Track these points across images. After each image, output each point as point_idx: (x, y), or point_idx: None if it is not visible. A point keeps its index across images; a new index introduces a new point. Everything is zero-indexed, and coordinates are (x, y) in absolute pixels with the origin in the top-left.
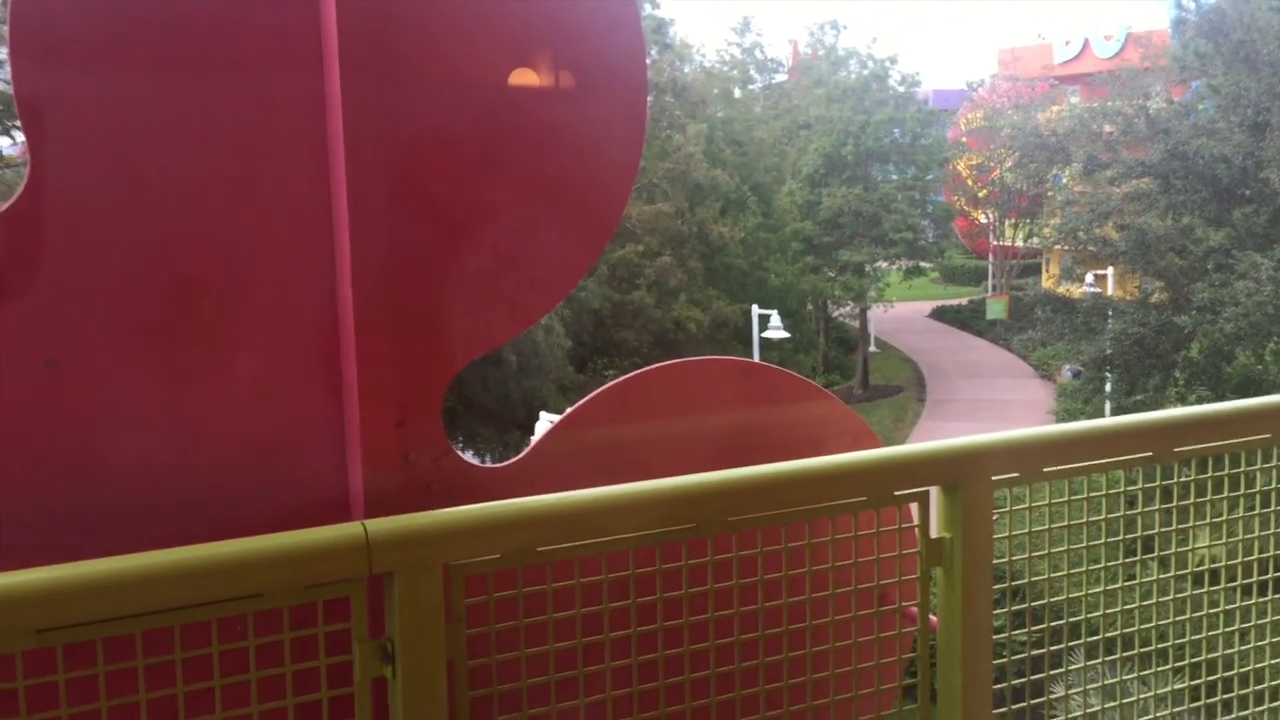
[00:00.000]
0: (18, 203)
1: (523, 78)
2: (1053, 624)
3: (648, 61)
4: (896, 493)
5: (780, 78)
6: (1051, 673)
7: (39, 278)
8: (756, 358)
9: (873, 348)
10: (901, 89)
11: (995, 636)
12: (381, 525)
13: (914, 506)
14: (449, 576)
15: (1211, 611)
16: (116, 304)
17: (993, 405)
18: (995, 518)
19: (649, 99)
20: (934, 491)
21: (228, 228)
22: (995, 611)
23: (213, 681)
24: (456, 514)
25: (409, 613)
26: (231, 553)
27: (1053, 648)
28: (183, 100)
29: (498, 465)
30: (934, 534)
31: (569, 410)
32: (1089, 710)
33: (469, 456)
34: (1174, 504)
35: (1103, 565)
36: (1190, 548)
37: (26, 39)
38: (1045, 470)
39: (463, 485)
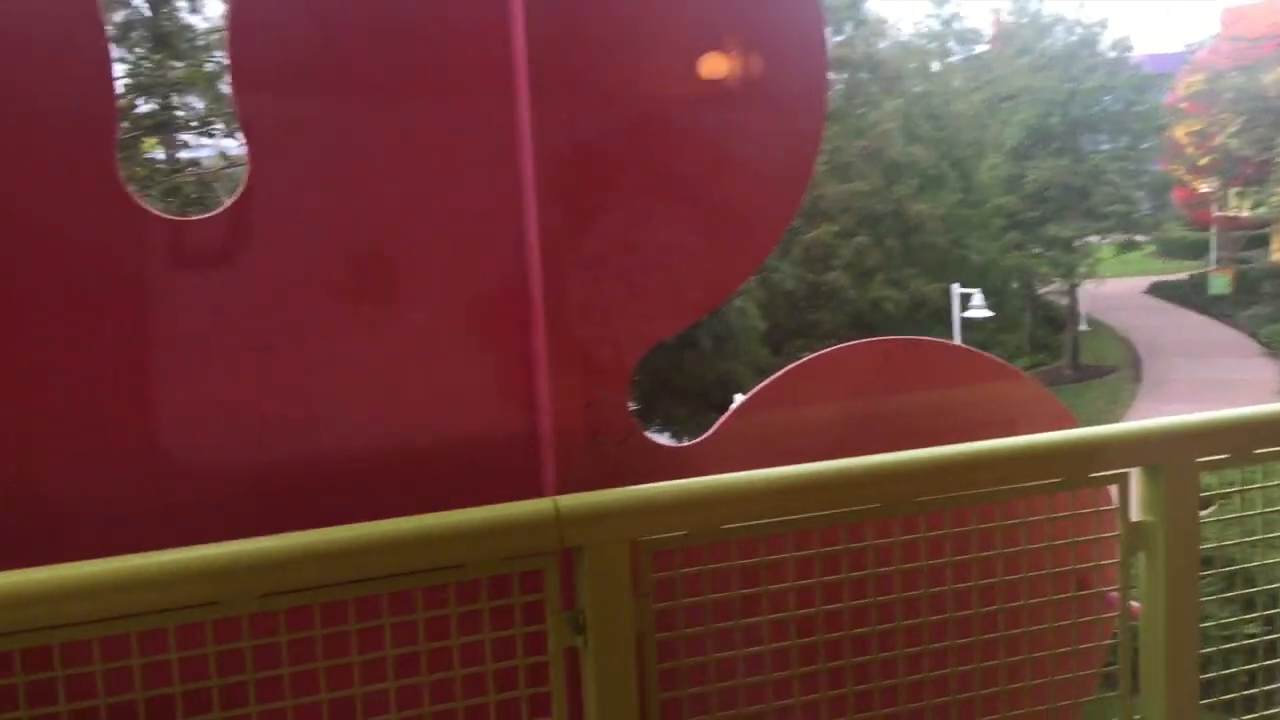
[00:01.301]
0: (236, 203)
1: (702, 87)
2: (1265, 612)
3: (840, 38)
4: (1093, 475)
5: (980, 48)
6: (1266, 663)
7: (253, 270)
8: (957, 338)
9: (1083, 326)
10: (1113, 54)
11: (1202, 625)
12: (572, 501)
13: (1113, 489)
14: (637, 552)
15: None
16: (323, 294)
17: (1216, 385)
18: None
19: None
20: (1134, 474)
21: (425, 228)
22: (1202, 599)
23: (419, 646)
24: (643, 491)
25: (598, 586)
26: (438, 525)
27: (1266, 637)
28: (384, 116)
29: (683, 445)
30: (1134, 517)
31: (754, 390)
32: None
33: (665, 437)
34: None
35: None
36: None
37: (246, 66)
38: (1256, 452)
39: (649, 464)
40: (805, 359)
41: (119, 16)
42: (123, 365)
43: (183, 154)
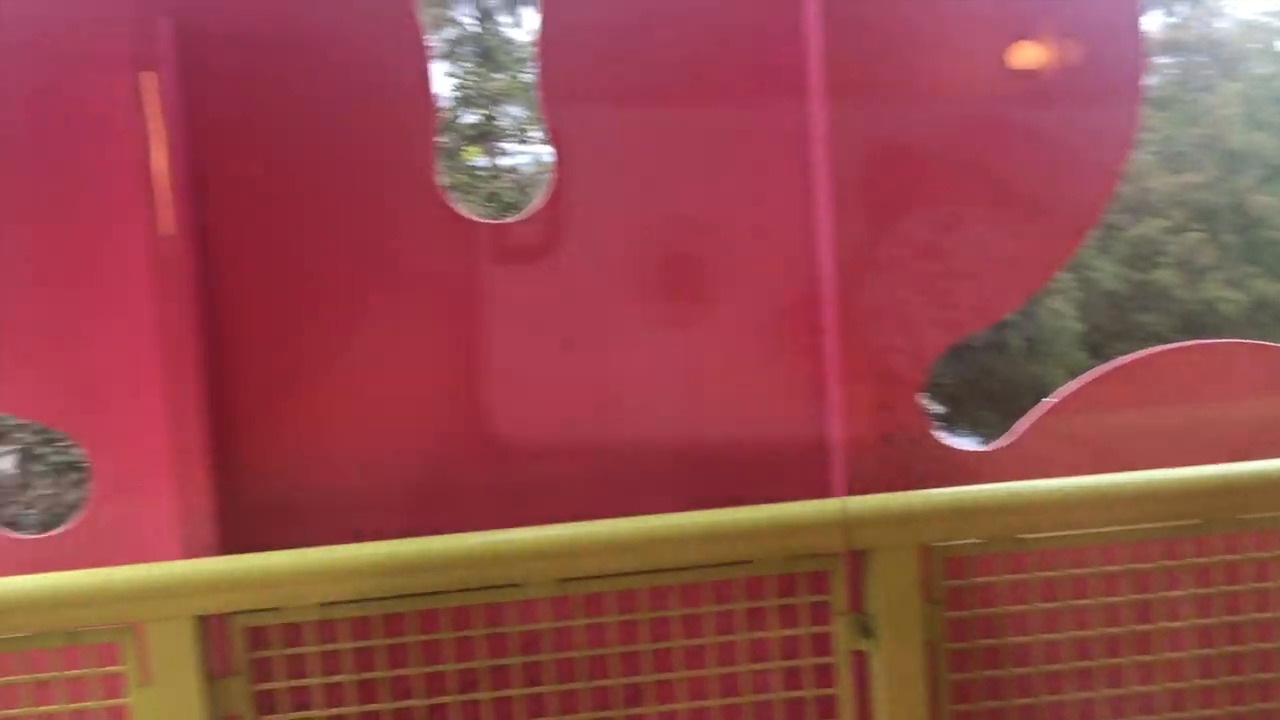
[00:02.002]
0: (541, 207)
1: (1009, 79)
2: None
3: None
4: None
5: None
6: None
7: (554, 269)
8: None
9: None
10: None
11: None
12: (860, 503)
13: None
14: (928, 558)
15: None
16: (622, 294)
17: None
18: None
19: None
20: None
21: (721, 227)
22: None
23: (705, 639)
24: (935, 496)
25: (887, 590)
26: (727, 521)
27: None
28: (680, 122)
29: (980, 449)
30: None
31: (1062, 393)
32: None
33: (972, 442)
34: None
35: None
36: None
37: (553, 76)
38: None
39: (942, 468)
40: (1124, 360)
41: (450, 34)
42: (442, 358)
43: (502, 161)
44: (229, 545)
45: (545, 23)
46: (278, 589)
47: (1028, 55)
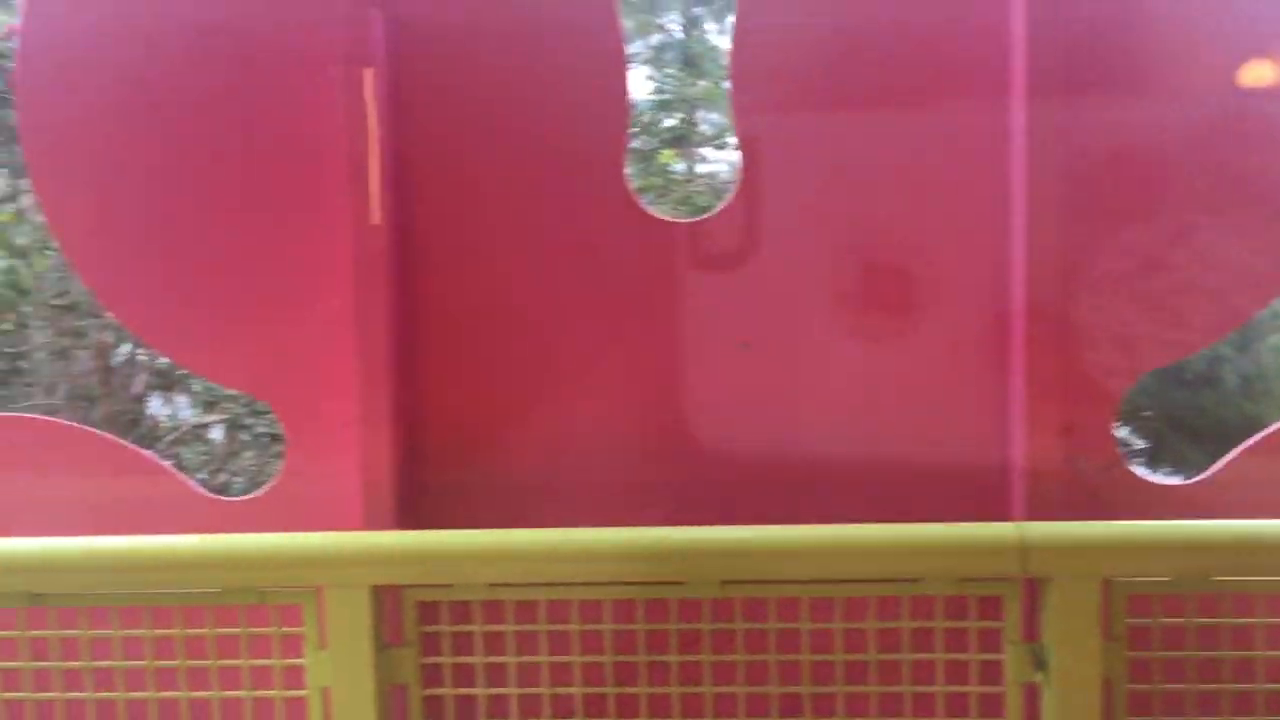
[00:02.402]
0: (724, 210)
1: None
2: None
3: None
4: None
5: None
6: None
7: (739, 271)
8: None
9: None
10: None
11: None
12: (1039, 529)
13: None
14: (1110, 592)
15: None
16: (805, 300)
17: None
18: None
19: None
20: None
21: (914, 235)
22: None
23: (867, 655)
24: (1121, 528)
25: (1063, 622)
26: (898, 537)
27: None
28: (871, 128)
29: (1174, 483)
30: None
31: (1268, 431)
32: None
33: (1175, 479)
34: None
35: None
36: None
37: (746, 85)
38: None
39: (1131, 499)
40: None
41: (655, 40)
42: (629, 356)
43: (699, 167)
44: (406, 522)
45: (739, 25)
46: (449, 566)
47: (1254, 49)
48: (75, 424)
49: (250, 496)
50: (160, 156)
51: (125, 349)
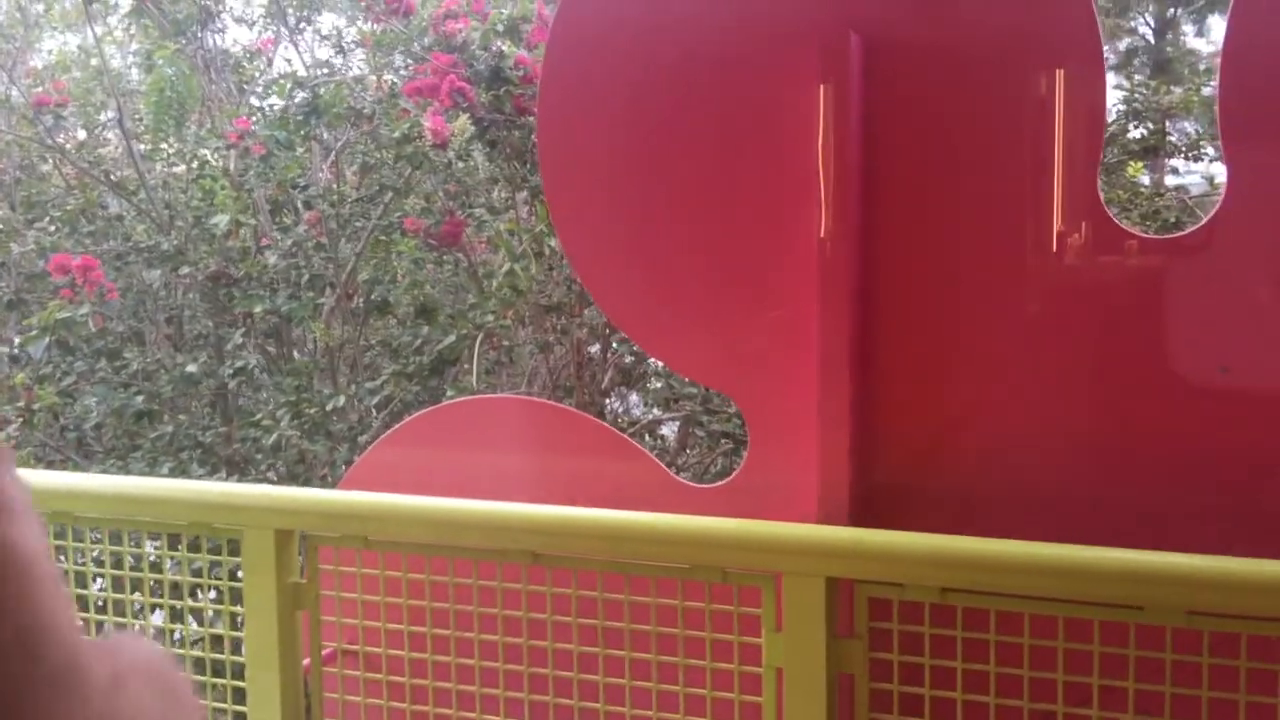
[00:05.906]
0: (1204, 227)
1: None
2: None
3: None
4: None
5: None
6: None
7: (1214, 292)
8: None
9: None
10: None
11: None
12: None
13: None
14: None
15: None
16: None
17: None
18: None
19: None
20: None
21: None
22: None
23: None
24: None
25: None
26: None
27: None
28: None
29: None
30: None
31: None
32: None
33: None
34: None
35: None
36: None
37: (1237, 98)
38: None
39: None
40: None
41: (1122, 44)
42: (1092, 371)
43: (1169, 179)
44: (857, 519)
45: (1232, 32)
46: (903, 566)
47: None
48: (572, 408)
49: (716, 485)
50: (649, 169)
51: (595, 348)
